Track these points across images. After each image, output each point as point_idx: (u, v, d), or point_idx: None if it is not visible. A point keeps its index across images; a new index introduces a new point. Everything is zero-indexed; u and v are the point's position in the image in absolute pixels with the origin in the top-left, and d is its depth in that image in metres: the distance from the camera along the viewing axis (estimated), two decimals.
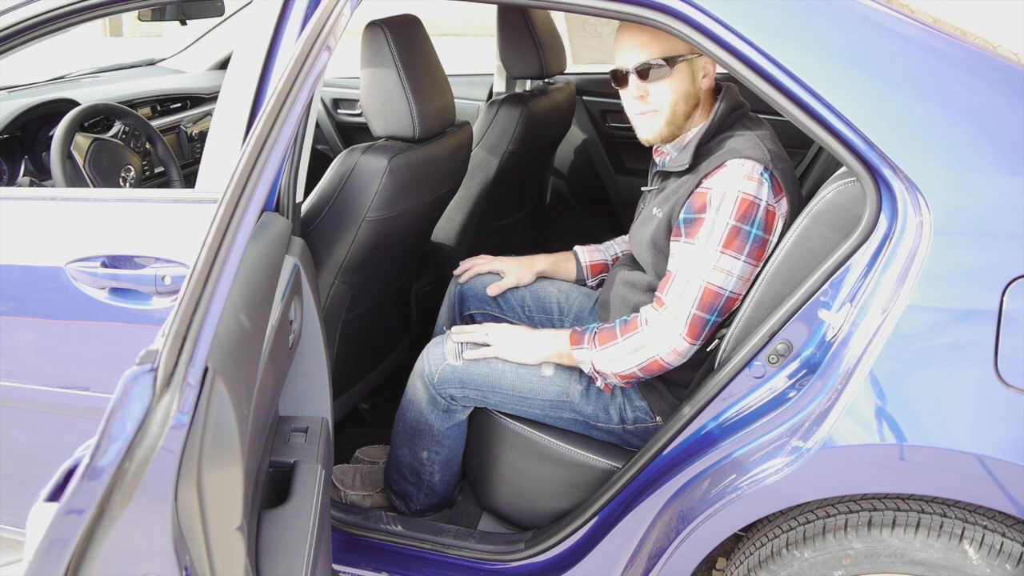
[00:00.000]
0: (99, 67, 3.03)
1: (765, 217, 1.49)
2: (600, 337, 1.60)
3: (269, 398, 1.28)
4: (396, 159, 1.71)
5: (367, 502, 1.93)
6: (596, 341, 1.60)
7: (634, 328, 1.57)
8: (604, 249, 2.06)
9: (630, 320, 1.59)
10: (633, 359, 1.56)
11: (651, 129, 1.63)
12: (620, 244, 2.06)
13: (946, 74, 1.25)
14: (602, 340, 1.60)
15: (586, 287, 2.05)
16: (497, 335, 1.71)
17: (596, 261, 2.04)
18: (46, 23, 1.59)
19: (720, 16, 1.28)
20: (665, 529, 1.45)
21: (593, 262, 2.04)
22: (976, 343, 1.19)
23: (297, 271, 1.45)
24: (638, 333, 1.56)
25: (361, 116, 3.23)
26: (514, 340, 1.70)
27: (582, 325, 1.75)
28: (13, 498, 1.78)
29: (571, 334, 1.64)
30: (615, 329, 1.59)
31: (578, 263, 2.03)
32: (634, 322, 1.58)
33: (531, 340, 1.69)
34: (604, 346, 1.59)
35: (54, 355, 1.63)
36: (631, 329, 1.57)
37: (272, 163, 0.98)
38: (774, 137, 1.58)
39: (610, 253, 2.05)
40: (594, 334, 1.62)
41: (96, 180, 2.05)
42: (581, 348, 1.62)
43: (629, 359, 1.56)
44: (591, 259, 2.04)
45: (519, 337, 1.70)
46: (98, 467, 0.79)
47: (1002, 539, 1.26)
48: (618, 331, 1.59)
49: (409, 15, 1.80)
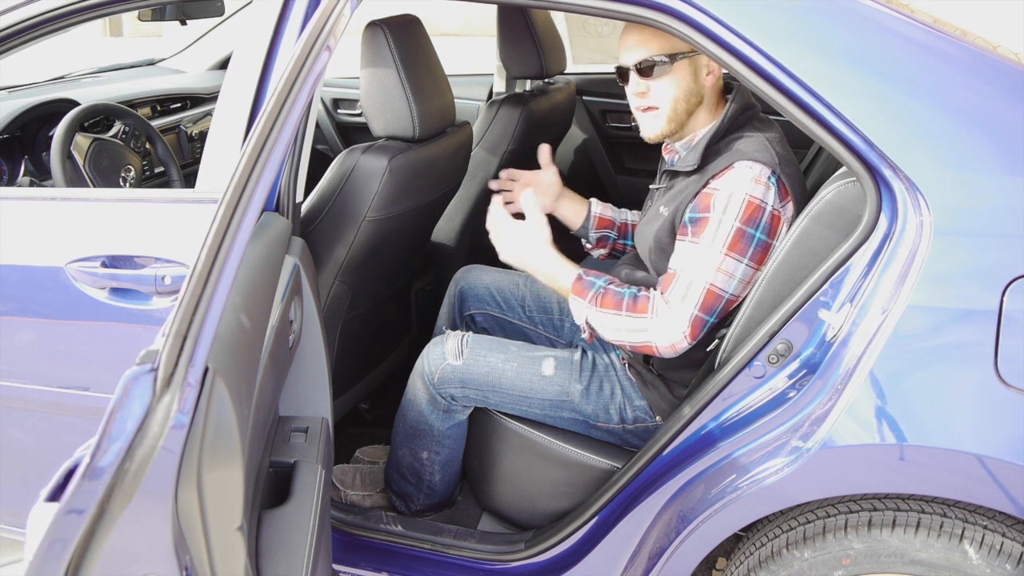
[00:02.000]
0: (99, 67, 3.03)
1: (770, 221, 1.49)
2: (603, 300, 1.56)
3: (269, 398, 1.28)
4: (396, 159, 1.71)
5: (367, 502, 1.93)
6: (598, 301, 1.56)
7: (643, 312, 1.53)
8: (617, 211, 2.03)
9: (640, 300, 1.54)
10: (629, 336, 1.54)
11: (653, 127, 1.62)
12: (634, 214, 2.04)
13: (946, 74, 1.25)
14: (604, 304, 1.55)
15: (586, 244, 2.02)
16: (503, 236, 1.65)
17: (605, 216, 2.01)
18: (46, 23, 1.59)
19: (720, 16, 1.28)
20: (665, 529, 1.45)
21: (602, 215, 2.00)
22: (976, 343, 1.19)
23: (297, 271, 1.45)
24: (644, 318, 1.52)
25: (361, 116, 3.23)
26: (517, 247, 1.64)
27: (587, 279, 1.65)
28: (13, 498, 1.78)
29: (576, 280, 1.59)
30: (622, 299, 1.55)
31: (589, 212, 2.00)
32: (644, 305, 1.53)
33: (535, 258, 1.63)
34: (604, 309, 1.55)
35: (54, 355, 1.63)
36: (639, 311, 1.53)
37: (272, 163, 0.98)
38: (783, 140, 1.57)
39: (621, 217, 2.02)
40: (600, 294, 1.57)
41: (96, 180, 2.05)
42: (581, 302, 1.58)
43: (626, 335, 1.54)
44: (601, 212, 2.01)
45: (524, 248, 1.63)
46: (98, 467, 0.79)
47: (1002, 539, 1.26)
48: (625, 304, 1.54)
49: (409, 15, 1.80)
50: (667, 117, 1.60)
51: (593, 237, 2.01)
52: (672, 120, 1.60)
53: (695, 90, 1.59)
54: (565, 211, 2.01)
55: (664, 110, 1.59)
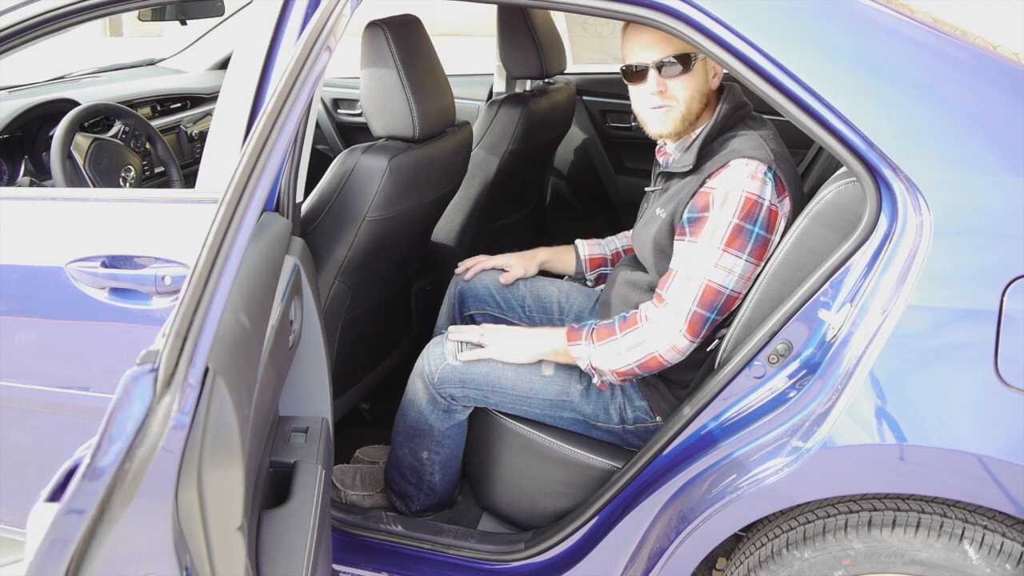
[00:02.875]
0: (99, 67, 3.03)
1: (768, 216, 1.49)
2: (598, 333, 1.60)
3: (269, 398, 1.28)
4: (396, 159, 1.71)
5: (367, 502, 1.93)
6: (594, 337, 1.60)
7: (633, 324, 1.56)
8: (604, 244, 2.05)
9: (629, 316, 1.59)
10: (631, 355, 1.55)
11: (664, 124, 1.61)
12: (621, 239, 2.06)
13: (946, 74, 1.25)
14: (600, 336, 1.59)
15: (585, 284, 2.05)
16: (492, 336, 1.70)
17: (595, 255, 2.03)
18: (46, 23, 1.59)
19: (720, 16, 1.28)
20: (665, 529, 1.45)
21: (592, 256, 2.03)
22: (976, 343, 1.19)
23: (297, 271, 1.45)
24: (637, 329, 1.55)
25: (361, 116, 3.24)
26: (509, 341, 1.69)
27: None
28: (13, 498, 1.78)
29: (568, 331, 1.64)
30: (614, 325, 1.59)
31: (577, 256, 2.03)
32: (633, 318, 1.57)
33: (526, 339, 1.69)
34: (602, 342, 1.58)
35: (54, 355, 1.63)
36: (630, 325, 1.56)
37: (272, 163, 0.98)
38: (777, 137, 1.58)
39: (610, 248, 2.04)
40: (592, 330, 1.61)
41: (96, 180, 2.05)
42: (578, 344, 1.61)
43: (628, 355, 1.56)
44: (590, 253, 2.03)
45: (514, 338, 1.70)
46: (98, 467, 0.79)
47: (1002, 539, 1.26)
48: (617, 327, 1.58)
49: (409, 15, 1.80)
50: (681, 115, 1.60)
51: (591, 278, 2.04)
52: (685, 119, 1.60)
53: (705, 91, 1.60)
54: (552, 266, 2.05)
55: (679, 109, 1.59)
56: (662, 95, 1.58)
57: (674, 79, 1.57)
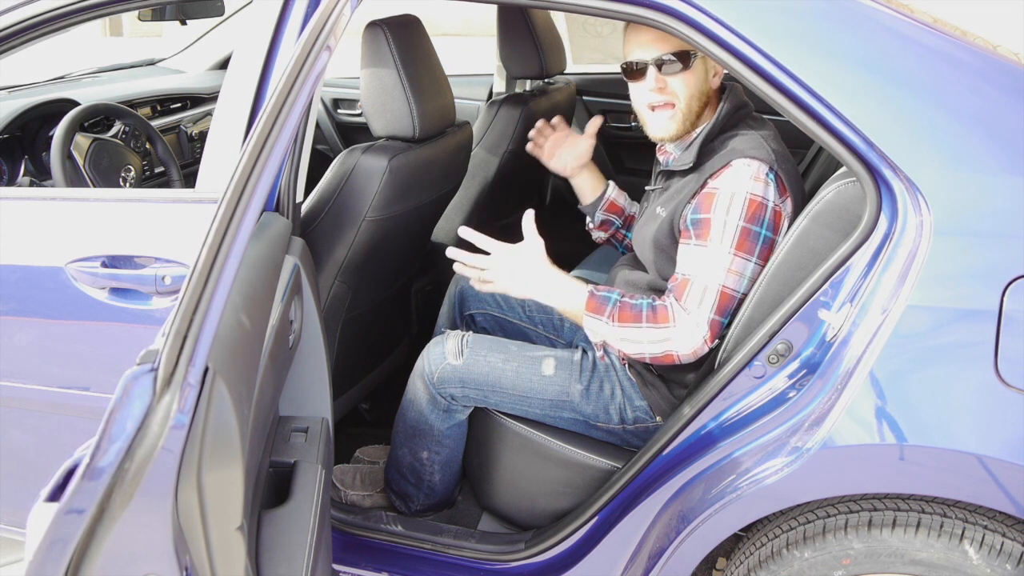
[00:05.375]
0: (99, 67, 3.03)
1: (773, 218, 1.49)
2: (621, 315, 1.52)
3: (269, 398, 1.28)
4: (396, 159, 1.71)
5: (367, 502, 1.93)
6: (615, 317, 1.53)
7: (664, 321, 1.50)
8: (629, 201, 2.03)
9: (659, 309, 1.51)
10: (650, 348, 1.52)
11: (665, 127, 1.60)
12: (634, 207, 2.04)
13: (946, 74, 1.25)
14: (623, 319, 1.52)
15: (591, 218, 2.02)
16: (498, 268, 1.59)
17: (618, 202, 2.01)
18: (46, 23, 1.59)
19: (720, 16, 1.28)
20: (665, 529, 1.45)
21: (615, 200, 2.01)
22: (976, 343, 1.19)
23: (297, 271, 1.45)
24: (667, 328, 1.50)
25: (361, 116, 3.23)
26: (519, 276, 1.58)
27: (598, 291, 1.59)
28: (13, 498, 1.78)
29: (589, 298, 1.55)
30: (640, 311, 1.52)
31: (603, 194, 2.00)
32: (664, 314, 1.51)
33: (541, 283, 1.58)
34: (624, 325, 1.52)
35: (54, 355, 1.63)
36: (660, 320, 1.50)
37: (272, 163, 0.98)
38: (778, 137, 1.58)
39: (631, 208, 2.02)
40: (615, 309, 1.53)
41: (96, 180, 2.05)
42: (598, 320, 1.54)
43: (647, 347, 1.52)
44: (615, 197, 2.01)
45: (526, 276, 1.58)
46: (98, 467, 0.79)
47: (1002, 539, 1.26)
48: (644, 315, 1.51)
49: (409, 15, 1.80)
50: (682, 115, 1.59)
51: (599, 218, 2.01)
52: (685, 119, 1.60)
53: (705, 90, 1.60)
54: (582, 182, 2.02)
55: (679, 107, 1.59)
56: (661, 92, 1.58)
57: (674, 76, 1.57)
